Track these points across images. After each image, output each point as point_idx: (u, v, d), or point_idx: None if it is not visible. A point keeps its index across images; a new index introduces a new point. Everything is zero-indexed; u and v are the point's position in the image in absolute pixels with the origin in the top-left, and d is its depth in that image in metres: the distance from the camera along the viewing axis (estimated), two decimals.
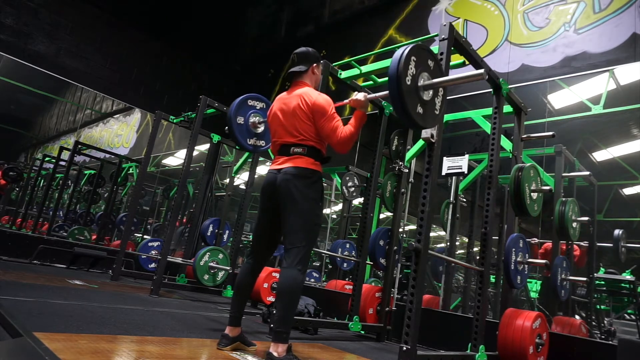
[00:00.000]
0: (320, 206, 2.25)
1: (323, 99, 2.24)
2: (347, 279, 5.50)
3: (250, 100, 3.06)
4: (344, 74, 3.60)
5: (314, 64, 2.42)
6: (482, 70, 1.92)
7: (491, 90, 3.09)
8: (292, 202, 2.15)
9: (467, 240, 5.32)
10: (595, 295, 4.33)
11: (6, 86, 6.22)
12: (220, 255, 4.66)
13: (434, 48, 2.23)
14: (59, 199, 6.79)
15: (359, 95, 2.26)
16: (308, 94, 2.26)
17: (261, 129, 3.07)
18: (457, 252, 5.22)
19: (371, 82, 3.99)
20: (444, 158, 4.18)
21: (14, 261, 5.03)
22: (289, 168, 2.19)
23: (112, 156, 7.40)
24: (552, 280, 3.55)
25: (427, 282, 5.30)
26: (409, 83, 1.87)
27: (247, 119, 3.00)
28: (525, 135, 3.24)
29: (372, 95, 2.30)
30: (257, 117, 3.03)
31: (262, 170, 8.24)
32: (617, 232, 4.12)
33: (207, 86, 8.21)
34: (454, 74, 2.05)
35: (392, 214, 3.95)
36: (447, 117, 4.13)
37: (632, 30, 3.97)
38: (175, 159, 8.25)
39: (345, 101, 2.36)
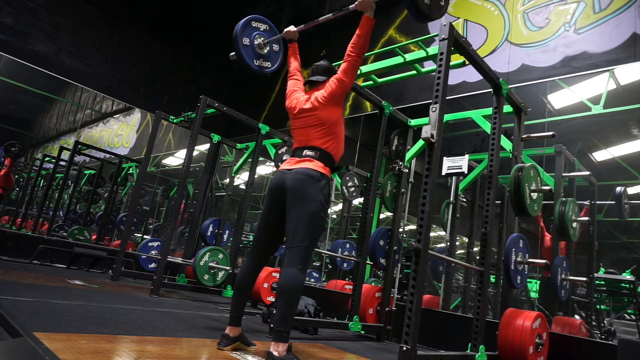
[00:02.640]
0: (326, 209, 2.27)
1: (325, 88, 2.35)
2: (347, 279, 5.50)
3: (254, 21, 3.02)
4: None
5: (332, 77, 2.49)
6: None
7: (491, 90, 3.09)
8: (299, 202, 2.16)
9: (467, 240, 5.32)
10: (595, 295, 4.33)
11: (6, 86, 6.22)
12: (220, 255, 4.66)
13: (434, 48, 2.24)
14: (59, 199, 6.79)
15: None
16: (321, 94, 2.35)
17: (266, 49, 3.01)
18: (457, 252, 5.22)
19: (371, 82, 3.99)
20: (444, 158, 4.18)
21: (14, 261, 5.03)
22: (300, 169, 2.22)
23: (112, 156, 7.40)
24: (552, 280, 3.55)
25: (427, 282, 5.30)
26: None
27: (252, 40, 2.96)
28: (525, 135, 3.24)
29: None
30: (262, 38, 2.99)
31: (262, 170, 8.25)
32: (619, 189, 4.10)
33: (207, 86, 8.21)
34: None
35: (392, 214, 3.95)
36: (447, 117, 4.13)
37: (632, 30, 3.97)
38: (175, 159, 8.26)
39: (352, 6, 2.39)
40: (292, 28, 2.69)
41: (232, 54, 2.90)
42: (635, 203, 4.13)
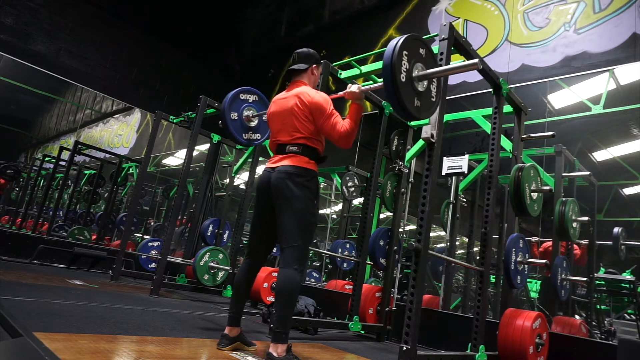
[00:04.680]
0: (316, 204, 2.24)
1: (321, 97, 2.25)
2: (347, 279, 5.49)
3: (243, 94, 3.05)
4: (344, 74, 3.60)
5: (314, 65, 2.44)
6: (476, 60, 1.92)
7: (491, 90, 3.09)
8: (286, 201, 2.15)
9: (467, 240, 5.32)
10: (595, 295, 4.33)
11: (6, 86, 6.22)
12: (220, 255, 4.66)
13: (434, 48, 2.23)
14: (59, 199, 6.79)
15: (353, 88, 2.27)
16: (306, 92, 2.26)
17: (255, 122, 3.05)
18: (457, 252, 5.21)
19: (371, 82, 3.99)
20: (444, 158, 4.18)
21: (14, 261, 5.03)
22: (283, 167, 2.19)
23: (112, 156, 7.40)
24: (552, 280, 3.55)
25: (427, 282, 5.30)
26: (403, 80, 1.89)
27: (240, 113, 2.99)
28: (525, 135, 3.24)
29: (366, 87, 2.30)
30: (251, 111, 3.02)
31: (262, 170, 8.25)
32: (616, 229, 4.12)
33: (207, 86, 8.21)
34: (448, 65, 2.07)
35: (392, 214, 3.95)
36: (447, 117, 4.13)
37: (632, 30, 3.97)
38: (175, 159, 8.25)
39: (340, 93, 2.37)
40: None
41: (219, 122, 2.95)
42: (633, 244, 4.14)
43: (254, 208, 2.38)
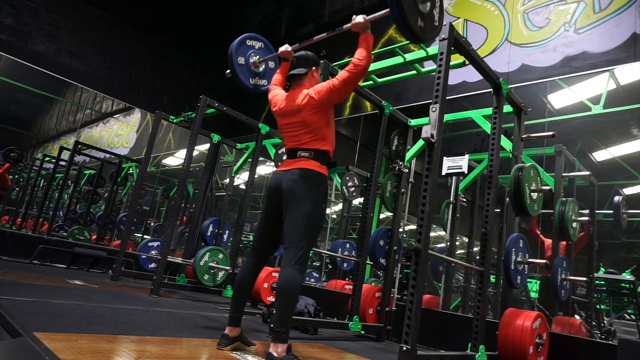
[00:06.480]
0: (324, 208, 2.27)
1: (315, 89, 2.28)
2: (347, 279, 5.49)
3: (249, 40, 3.05)
4: None
5: (314, 68, 2.47)
6: None
7: (491, 90, 3.09)
8: (296, 203, 2.16)
9: (467, 240, 5.32)
10: (595, 295, 4.33)
11: (6, 86, 6.22)
12: (220, 255, 4.65)
13: (434, 48, 2.24)
14: (59, 199, 6.80)
15: (358, 18, 2.28)
16: (308, 95, 2.28)
17: (262, 68, 3.05)
18: (457, 252, 5.22)
19: (371, 82, 3.99)
20: (444, 158, 4.18)
21: (14, 261, 5.03)
22: (295, 169, 2.22)
23: (112, 156, 7.40)
24: (552, 280, 3.55)
25: (427, 282, 5.30)
26: None
27: (247, 59, 2.99)
28: (525, 135, 3.24)
29: (371, 16, 2.29)
30: (257, 57, 3.02)
31: (262, 170, 8.25)
32: (617, 198, 4.11)
33: (207, 86, 8.21)
34: None
35: (392, 214, 3.95)
36: (447, 117, 4.13)
37: (632, 30, 3.97)
38: (175, 159, 8.26)
39: (346, 26, 2.37)
40: (287, 47, 2.65)
41: (227, 72, 2.93)
42: (634, 212, 4.13)
43: (262, 209, 2.39)
